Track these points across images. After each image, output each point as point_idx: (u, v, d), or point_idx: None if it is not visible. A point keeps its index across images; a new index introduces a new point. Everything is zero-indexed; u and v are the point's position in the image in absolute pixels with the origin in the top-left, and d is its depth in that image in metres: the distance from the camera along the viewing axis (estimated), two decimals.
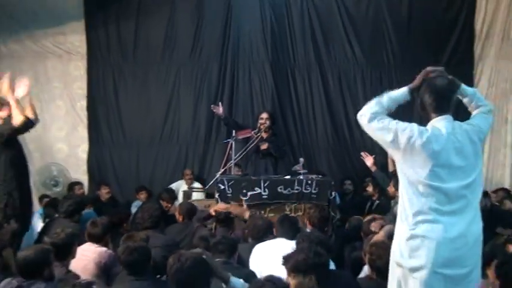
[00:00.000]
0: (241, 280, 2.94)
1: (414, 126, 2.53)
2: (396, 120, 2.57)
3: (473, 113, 2.74)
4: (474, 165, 2.54)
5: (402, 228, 2.56)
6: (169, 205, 6.47)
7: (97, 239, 4.03)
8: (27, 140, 6.98)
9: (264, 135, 6.42)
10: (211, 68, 7.97)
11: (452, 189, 2.47)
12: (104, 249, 3.99)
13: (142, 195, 7.17)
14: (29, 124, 4.66)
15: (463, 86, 2.75)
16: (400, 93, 2.65)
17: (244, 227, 4.76)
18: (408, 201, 2.52)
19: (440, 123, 2.55)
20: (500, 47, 8.01)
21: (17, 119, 4.56)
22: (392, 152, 2.61)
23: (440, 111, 2.57)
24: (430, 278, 2.43)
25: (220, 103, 6.74)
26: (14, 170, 4.68)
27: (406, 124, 2.55)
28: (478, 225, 2.54)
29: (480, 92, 8.48)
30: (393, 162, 3.02)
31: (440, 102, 2.58)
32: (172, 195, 6.74)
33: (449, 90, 2.61)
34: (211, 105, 6.73)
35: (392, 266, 2.62)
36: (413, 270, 2.47)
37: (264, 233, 4.14)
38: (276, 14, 7.94)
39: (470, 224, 2.48)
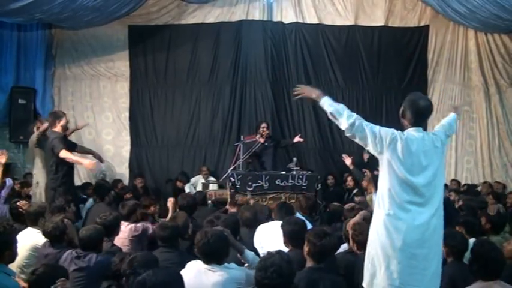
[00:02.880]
0: (252, 253, 2.90)
1: (393, 130, 2.47)
2: (378, 126, 2.45)
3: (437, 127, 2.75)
4: (436, 166, 2.46)
5: (379, 213, 2.46)
6: (183, 184, 7.04)
7: (125, 218, 3.96)
8: (84, 143, 7.04)
9: (262, 140, 6.42)
10: (224, 88, 7.95)
11: (419, 184, 2.40)
12: (133, 226, 3.90)
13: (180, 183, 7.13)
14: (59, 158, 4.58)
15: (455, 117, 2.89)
16: (331, 103, 2.58)
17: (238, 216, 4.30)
18: (387, 191, 2.42)
19: (413, 132, 2.49)
20: (446, 73, 8.02)
21: (64, 155, 4.52)
22: (379, 154, 2.45)
23: (416, 125, 2.52)
24: (400, 254, 2.38)
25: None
26: (59, 171, 4.66)
27: (386, 128, 2.47)
28: (439, 218, 2.46)
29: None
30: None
31: (418, 118, 2.51)
32: (186, 177, 7.19)
33: (427, 111, 2.53)
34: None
35: (369, 245, 2.53)
36: (387, 247, 2.40)
37: (253, 222, 3.88)
38: (275, 45, 7.92)
39: (432, 216, 2.41)
